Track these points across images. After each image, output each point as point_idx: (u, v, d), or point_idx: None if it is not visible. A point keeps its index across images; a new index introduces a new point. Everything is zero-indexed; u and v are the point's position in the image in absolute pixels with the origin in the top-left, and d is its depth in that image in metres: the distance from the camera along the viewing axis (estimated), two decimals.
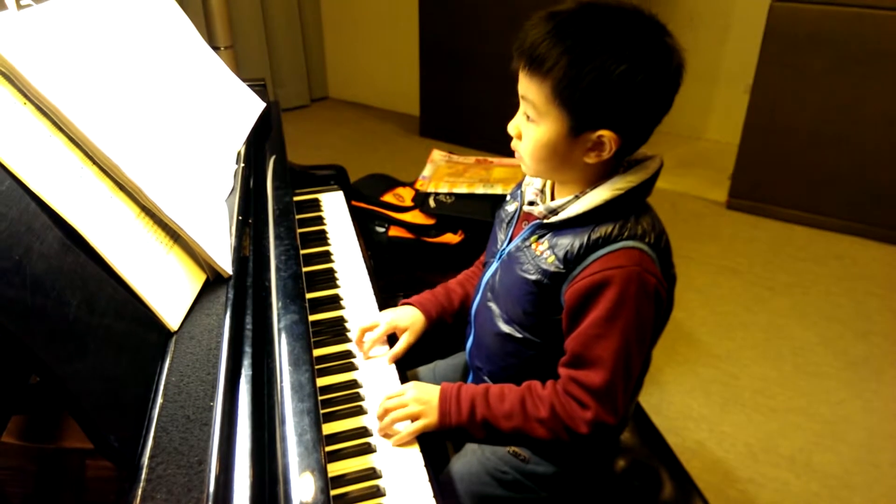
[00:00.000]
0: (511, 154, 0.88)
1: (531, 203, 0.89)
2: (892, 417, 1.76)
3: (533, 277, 0.83)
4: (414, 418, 0.83)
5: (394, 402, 0.84)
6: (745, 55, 2.82)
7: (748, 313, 2.17)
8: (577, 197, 0.82)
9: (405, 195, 1.78)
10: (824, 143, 2.51)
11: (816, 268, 2.41)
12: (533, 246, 0.85)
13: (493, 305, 0.91)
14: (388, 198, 1.76)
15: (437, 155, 1.94)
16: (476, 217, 1.66)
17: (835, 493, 1.54)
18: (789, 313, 2.17)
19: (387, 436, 0.83)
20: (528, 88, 0.78)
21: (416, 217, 1.70)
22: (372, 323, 0.99)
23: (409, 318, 1.01)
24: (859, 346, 2.02)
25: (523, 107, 0.81)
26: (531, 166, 0.84)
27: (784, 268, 2.41)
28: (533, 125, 0.80)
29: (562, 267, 0.80)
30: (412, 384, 0.87)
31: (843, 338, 2.05)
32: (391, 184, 1.83)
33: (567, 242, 0.80)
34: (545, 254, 0.82)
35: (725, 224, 2.71)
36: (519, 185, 0.95)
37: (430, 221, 1.69)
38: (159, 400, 0.62)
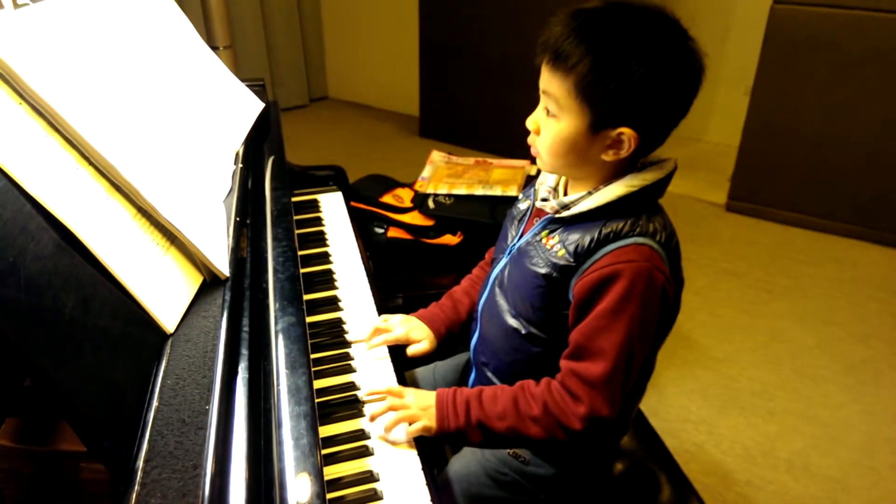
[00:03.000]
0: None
1: (544, 200, 0.89)
2: (890, 421, 1.75)
3: (542, 271, 0.83)
4: (412, 421, 0.83)
5: (397, 401, 0.84)
6: (745, 57, 2.81)
7: (747, 316, 2.17)
8: (590, 193, 0.82)
9: (404, 196, 1.77)
10: (824, 146, 2.50)
11: (815, 271, 2.40)
12: (543, 240, 0.85)
13: (500, 300, 0.91)
14: (387, 199, 1.75)
15: (437, 156, 1.94)
16: (475, 218, 1.65)
17: (833, 496, 1.54)
18: (788, 316, 2.17)
19: (384, 428, 0.82)
20: (551, 83, 0.79)
21: (415, 218, 1.69)
22: (387, 325, 0.99)
23: (421, 333, 1.01)
24: (858, 349, 2.02)
25: (544, 101, 0.82)
26: (547, 161, 0.84)
27: (783, 271, 2.41)
28: (553, 120, 0.80)
29: (572, 260, 0.80)
30: (410, 391, 0.87)
31: (842, 341, 2.05)
32: (390, 185, 1.82)
33: (578, 237, 0.81)
34: (555, 247, 0.82)
35: (725, 226, 2.71)
36: (532, 184, 0.95)
37: (429, 222, 1.68)
38: (154, 403, 0.61)
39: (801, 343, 2.05)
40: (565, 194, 0.88)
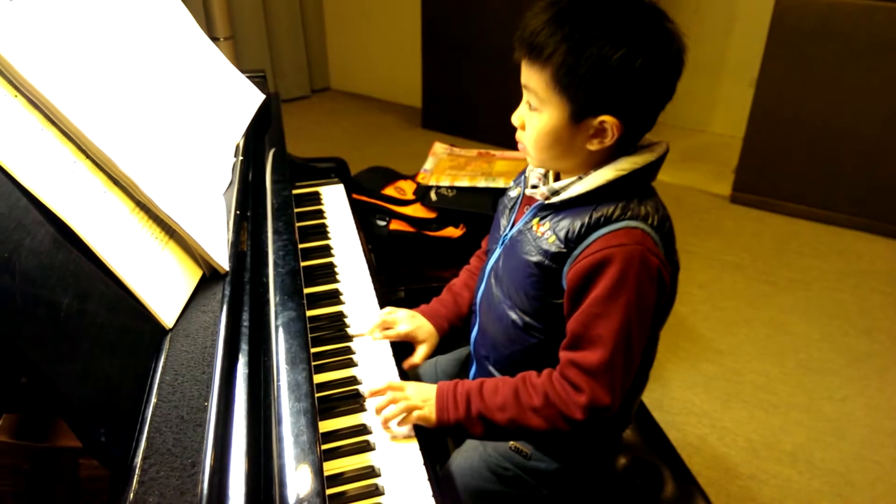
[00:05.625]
0: (515, 146, 0.87)
1: (534, 187, 0.88)
2: (894, 415, 1.75)
3: (534, 259, 0.82)
4: (412, 411, 0.83)
5: (399, 394, 0.84)
6: (750, 48, 2.79)
7: (751, 309, 2.16)
8: (580, 178, 0.81)
9: (406, 188, 1.76)
10: (829, 138, 2.48)
11: (820, 263, 2.39)
12: (534, 227, 0.84)
13: (496, 292, 0.91)
14: (390, 191, 1.74)
15: (439, 147, 1.92)
16: (478, 211, 1.64)
17: (837, 489, 1.54)
18: (792, 309, 2.16)
19: (385, 420, 0.82)
20: (530, 77, 0.78)
21: (417, 210, 1.68)
22: (393, 318, 0.99)
23: (425, 332, 1.01)
24: (862, 342, 2.01)
25: (526, 96, 0.81)
26: (535, 156, 0.84)
27: (787, 263, 2.40)
28: (535, 114, 0.80)
29: (563, 247, 0.80)
30: (410, 384, 0.86)
31: (847, 334, 2.04)
32: (392, 177, 1.81)
33: (568, 222, 0.80)
34: (546, 234, 0.82)
35: (729, 218, 2.69)
36: (523, 172, 0.94)
37: (432, 215, 1.67)
38: (153, 399, 0.61)
39: (805, 336, 2.04)
40: (556, 180, 0.87)
